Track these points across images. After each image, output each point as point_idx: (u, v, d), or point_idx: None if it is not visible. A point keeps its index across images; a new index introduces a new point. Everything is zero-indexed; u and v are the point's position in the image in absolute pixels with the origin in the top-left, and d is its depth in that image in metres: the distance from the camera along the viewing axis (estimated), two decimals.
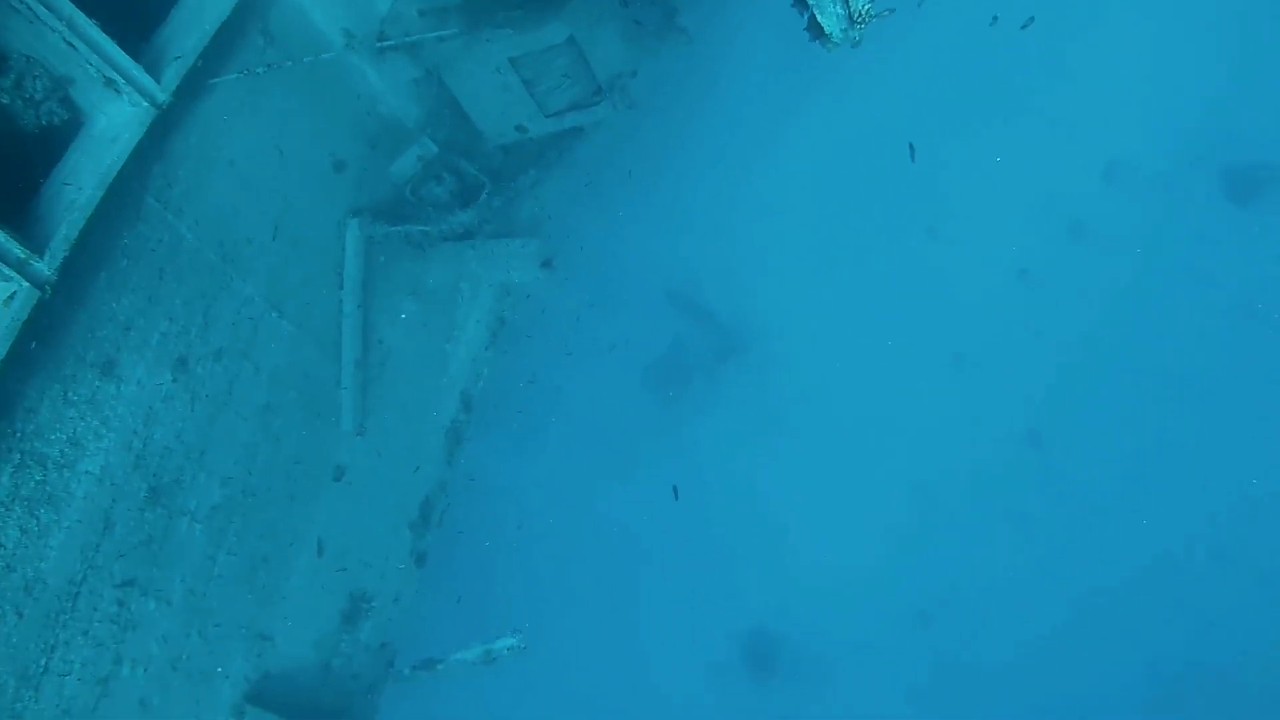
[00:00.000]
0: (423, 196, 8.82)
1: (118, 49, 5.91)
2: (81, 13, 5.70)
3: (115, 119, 6.10)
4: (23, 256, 5.31)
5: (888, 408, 13.06)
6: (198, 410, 7.00)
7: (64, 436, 5.91)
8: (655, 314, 13.12)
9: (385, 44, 7.32)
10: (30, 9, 5.43)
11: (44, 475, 5.78)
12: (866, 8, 5.22)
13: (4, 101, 5.91)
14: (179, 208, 6.78)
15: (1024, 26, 6.41)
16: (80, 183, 5.86)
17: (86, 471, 6.07)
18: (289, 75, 7.45)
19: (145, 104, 6.13)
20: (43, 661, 5.83)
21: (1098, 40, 12.10)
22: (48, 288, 5.47)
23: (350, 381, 8.38)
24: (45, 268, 5.46)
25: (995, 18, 6.69)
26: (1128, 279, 12.77)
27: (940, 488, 13.02)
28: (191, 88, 6.58)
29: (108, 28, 5.83)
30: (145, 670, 6.71)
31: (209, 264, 7.03)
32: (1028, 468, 13.11)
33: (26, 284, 5.32)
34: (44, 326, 5.61)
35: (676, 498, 9.66)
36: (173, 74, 6.33)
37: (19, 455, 5.62)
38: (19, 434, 5.61)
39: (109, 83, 5.94)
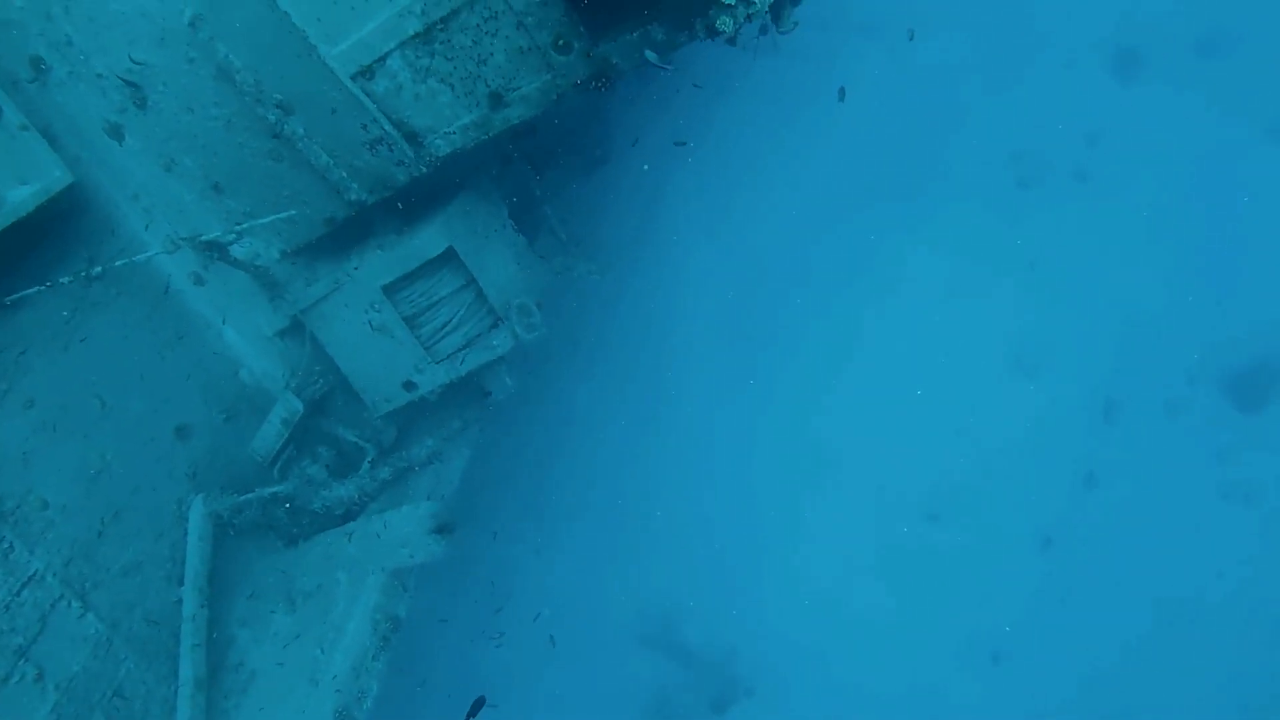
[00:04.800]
0: (292, 477, 7.67)
1: None
2: None
3: None
4: None
5: None
6: None
7: None
8: (628, 666, 11.23)
9: (209, 239, 6.59)
10: None
11: None
12: None
13: None
14: None
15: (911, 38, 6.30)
16: None
17: None
18: (118, 316, 6.73)
19: None
20: None
21: (1067, 278, 12.12)
22: None
23: (189, 709, 6.52)
24: None
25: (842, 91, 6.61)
26: (1158, 519, 11.51)
27: None
28: None
29: None
30: None
31: None
32: None
33: None
34: None
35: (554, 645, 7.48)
36: None
37: None
38: None
39: None
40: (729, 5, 4.78)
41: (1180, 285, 12.13)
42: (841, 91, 6.97)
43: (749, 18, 4.94)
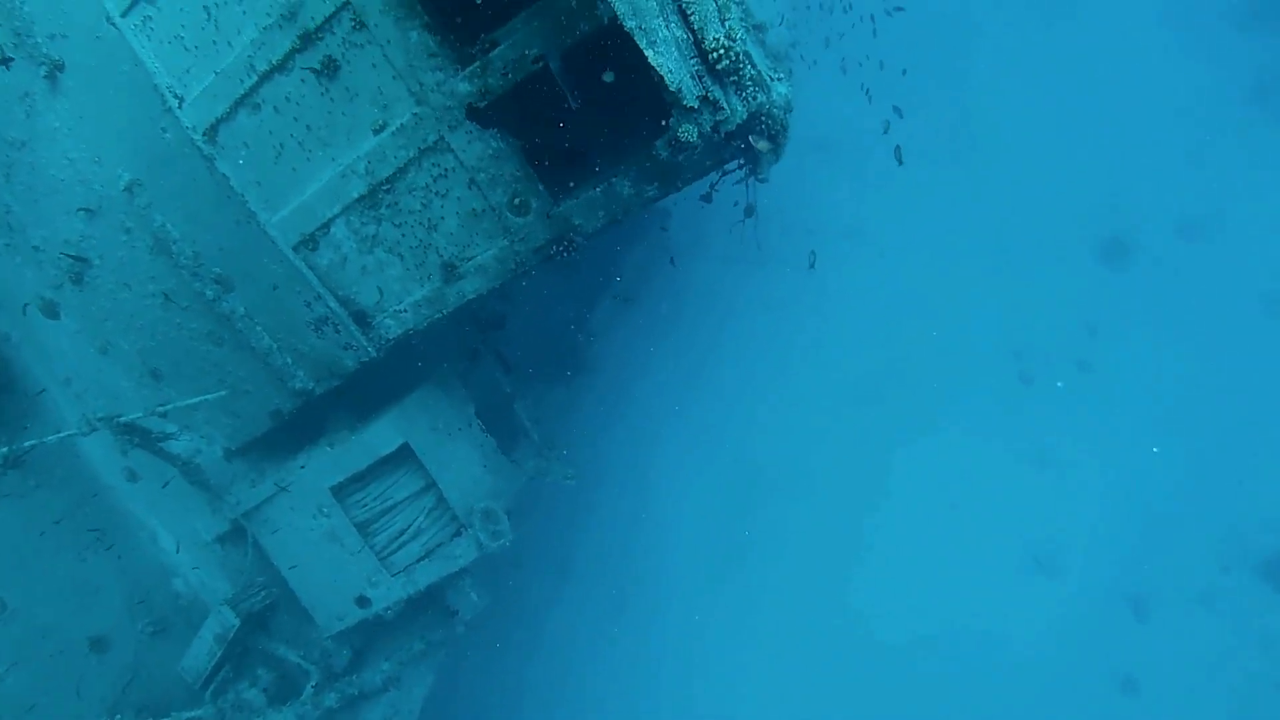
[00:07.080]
0: (225, 701, 6.77)
1: None
2: None
3: None
4: None
5: None
6: None
7: None
8: None
9: (129, 420, 5.96)
10: None
11: None
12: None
13: None
14: None
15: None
16: None
17: None
18: (35, 510, 6.14)
19: None
20: None
21: (1080, 471, 11.53)
22: None
23: None
24: None
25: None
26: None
27: None
28: None
29: None
30: None
31: None
32: None
33: None
34: None
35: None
36: None
37: None
38: None
39: None
40: (690, 109, 4.39)
41: (1198, 470, 11.57)
42: (811, 256, 6.68)
43: (716, 128, 4.58)
